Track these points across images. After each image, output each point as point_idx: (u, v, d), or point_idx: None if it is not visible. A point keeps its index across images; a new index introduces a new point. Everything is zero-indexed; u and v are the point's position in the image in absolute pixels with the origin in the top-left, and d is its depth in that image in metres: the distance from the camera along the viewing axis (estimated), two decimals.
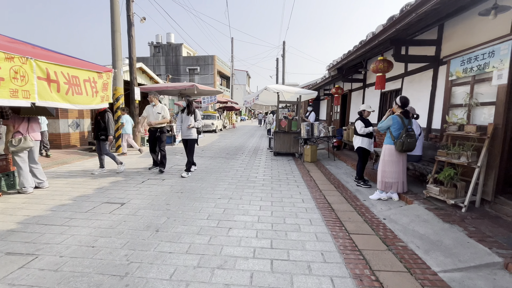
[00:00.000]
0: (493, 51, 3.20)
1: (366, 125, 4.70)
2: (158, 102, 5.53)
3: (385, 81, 5.05)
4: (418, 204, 3.47)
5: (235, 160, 7.29)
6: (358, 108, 8.26)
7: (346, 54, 6.20)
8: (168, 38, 31.23)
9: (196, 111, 5.32)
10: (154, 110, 5.48)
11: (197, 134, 5.45)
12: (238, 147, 9.98)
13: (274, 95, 9.21)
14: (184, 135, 5.35)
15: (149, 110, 5.49)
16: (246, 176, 5.39)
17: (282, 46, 18.53)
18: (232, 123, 23.52)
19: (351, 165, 6.39)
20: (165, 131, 5.67)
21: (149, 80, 12.61)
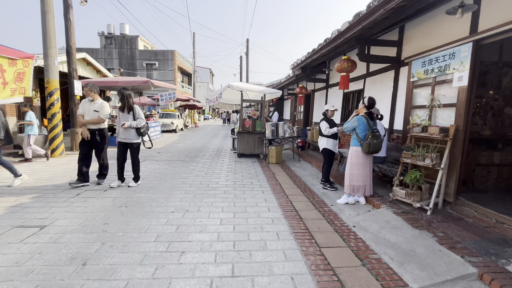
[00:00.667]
0: (454, 53, 3.21)
1: (330, 126, 4.54)
2: (97, 97, 4.39)
3: (349, 81, 4.97)
4: (386, 208, 3.36)
5: (196, 163, 6.67)
6: (322, 108, 8.31)
7: (310, 52, 6.05)
8: (122, 29, 28.55)
9: (135, 108, 4.31)
10: (91, 107, 4.27)
11: (140, 136, 4.44)
12: (200, 149, 9.31)
13: (238, 94, 8.76)
14: (121, 138, 4.34)
15: (85, 107, 4.30)
16: (207, 182, 4.85)
17: (246, 44, 18.15)
18: (194, 122, 22.43)
19: (316, 166, 6.27)
20: (106, 135, 4.44)
21: (96, 74, 11.13)
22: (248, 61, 18.23)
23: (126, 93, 4.29)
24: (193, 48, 26.57)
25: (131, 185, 4.38)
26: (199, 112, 38.36)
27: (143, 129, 4.38)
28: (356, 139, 3.64)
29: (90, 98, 4.30)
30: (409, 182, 3.27)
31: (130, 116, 4.30)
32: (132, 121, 4.25)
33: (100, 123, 4.31)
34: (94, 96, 4.36)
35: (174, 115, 16.24)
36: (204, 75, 45.36)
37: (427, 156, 3.19)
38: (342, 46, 4.93)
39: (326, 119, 4.63)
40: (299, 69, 7.57)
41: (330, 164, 4.67)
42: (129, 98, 4.32)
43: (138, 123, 4.29)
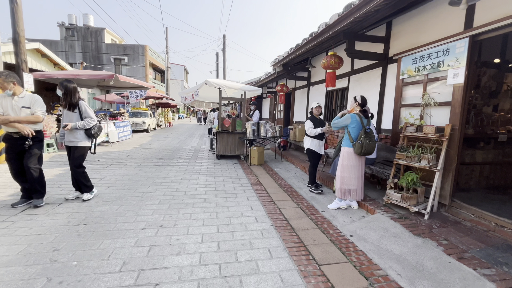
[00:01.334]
0: (448, 49, 3.07)
1: (315, 126, 4.26)
2: (20, 90, 3.24)
3: (336, 78, 4.74)
4: (381, 213, 3.14)
5: (171, 166, 6.06)
6: (304, 107, 8.13)
7: (294, 48, 5.75)
8: (86, 20, 26.26)
9: (80, 104, 3.48)
10: (15, 103, 3.15)
11: (90, 139, 3.64)
12: (175, 150, 8.63)
13: (215, 91, 8.26)
14: (66, 141, 3.52)
15: (4, 103, 3.14)
16: (184, 189, 4.33)
17: (223, 40, 17.51)
18: (168, 122, 21.30)
19: (301, 167, 6.01)
20: (42, 138, 3.42)
21: (53, 67, 9.88)
22: (225, 58, 17.60)
23: (70, 86, 3.42)
24: (166, 43, 25.23)
25: (86, 198, 3.62)
26: (173, 111, 36.84)
27: (95, 130, 3.61)
28: (348, 139, 3.39)
29: (9, 91, 3.14)
30: (407, 185, 3.08)
31: (76, 114, 3.47)
32: (79, 121, 3.45)
33: (36, 123, 3.28)
34: (16, 88, 3.18)
35: (145, 114, 15.17)
36: (178, 72, 43.63)
37: (423, 157, 3.02)
38: (328, 41, 4.69)
39: (312, 118, 4.35)
40: (280, 66, 7.26)
41: (314, 166, 4.41)
42: (74, 93, 3.45)
43: (86, 123, 3.48)
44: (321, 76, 6.91)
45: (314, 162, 4.41)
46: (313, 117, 4.37)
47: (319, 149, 4.34)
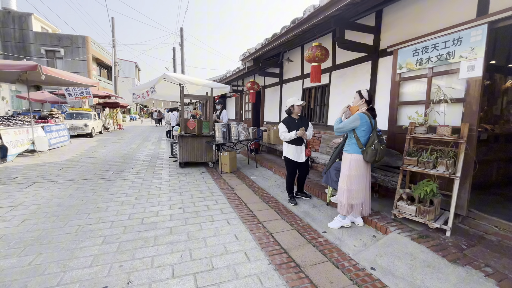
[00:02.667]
0: (460, 37, 2.68)
1: (291, 128, 3.59)
2: None
3: (321, 72, 4.17)
4: (397, 232, 2.61)
5: (121, 181, 4.80)
6: (276, 106, 7.49)
7: (270, 39, 5.04)
8: (5, 2, 21.76)
9: None
10: None
11: None
12: (127, 158, 7.19)
13: (175, 88, 7.13)
14: None
15: None
16: (140, 215, 3.25)
17: (180, 33, 15.94)
18: (117, 124, 18.78)
19: (280, 174, 5.34)
20: None
21: None
22: (183, 53, 16.07)
23: None
24: (113, 36, 22.33)
25: None
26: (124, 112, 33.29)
27: None
28: (355, 144, 2.79)
29: None
30: (425, 197, 2.59)
31: None
32: None
33: None
34: None
35: (88, 115, 12.89)
36: (128, 69, 39.57)
37: (440, 163, 2.57)
38: (311, 30, 4.09)
39: (287, 120, 3.69)
40: (251, 60, 6.50)
41: (290, 175, 3.78)
42: None
43: None
44: (296, 73, 6.36)
45: (289, 171, 3.78)
46: (289, 118, 3.69)
47: (296, 157, 3.68)
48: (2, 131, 6.07)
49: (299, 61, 6.17)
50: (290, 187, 3.81)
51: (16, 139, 6.55)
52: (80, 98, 10.01)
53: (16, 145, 6.47)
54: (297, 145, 3.65)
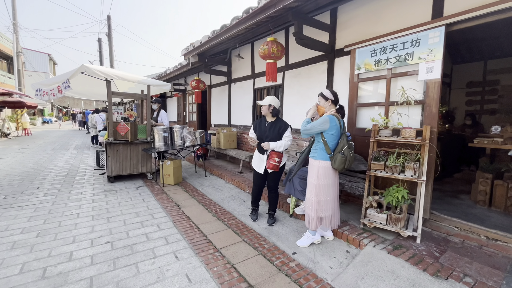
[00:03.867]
0: (418, 39, 2.66)
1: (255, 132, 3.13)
2: None
3: (277, 71, 3.82)
4: (373, 245, 2.39)
5: (16, 209, 3.47)
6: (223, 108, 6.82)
7: (218, 31, 4.46)
8: None
9: None
10: None
11: None
12: (30, 173, 5.50)
13: (99, 85, 5.89)
14: None
15: None
16: (41, 264, 2.24)
17: (107, 22, 13.65)
18: (23, 128, 15.03)
19: (233, 182, 4.80)
20: None
21: None
22: (111, 46, 13.78)
23: None
24: (13, 19, 17.90)
25: None
26: (34, 113, 27.37)
27: None
28: (323, 150, 2.47)
29: None
30: (396, 204, 2.44)
31: None
32: None
33: None
34: None
35: None
36: (39, 62, 32.70)
37: (408, 167, 2.46)
38: (265, 24, 3.70)
39: (256, 122, 3.21)
40: (196, 55, 5.77)
41: (253, 185, 3.25)
42: None
43: None
44: (246, 72, 5.93)
45: (253, 180, 3.26)
46: (261, 120, 3.13)
47: (257, 167, 3.14)
48: None
49: (249, 59, 5.76)
50: (253, 198, 3.29)
51: None
52: None
53: None
54: (260, 153, 3.12)
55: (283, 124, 2.99)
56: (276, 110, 2.98)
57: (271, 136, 2.94)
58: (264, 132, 3.01)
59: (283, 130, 2.95)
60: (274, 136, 2.93)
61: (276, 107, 2.99)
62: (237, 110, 6.41)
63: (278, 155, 2.91)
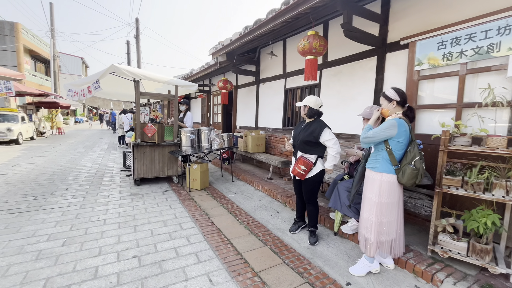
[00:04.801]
0: (509, 25, 2.13)
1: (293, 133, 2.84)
2: None
3: (317, 68, 3.42)
4: (453, 283, 1.91)
5: (45, 212, 3.38)
6: (250, 109, 6.48)
7: (251, 26, 4.15)
8: None
9: None
10: None
11: None
12: (61, 172, 5.55)
13: (127, 86, 5.84)
14: None
15: None
16: (65, 281, 2.02)
17: (135, 25, 14.02)
18: (57, 128, 15.84)
19: (264, 189, 4.45)
20: None
21: None
22: (139, 48, 14.13)
23: None
24: (51, 24, 19.08)
25: None
26: (67, 113, 29.09)
27: None
28: (387, 160, 2.04)
29: None
30: (484, 232, 1.94)
31: None
32: None
33: None
34: None
35: (12, 117, 10.35)
36: (73, 65, 34.82)
37: (498, 185, 1.96)
38: (305, 16, 3.34)
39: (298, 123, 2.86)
40: (224, 55, 5.53)
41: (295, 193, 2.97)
42: None
43: None
44: (276, 71, 5.57)
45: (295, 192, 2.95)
46: (301, 121, 2.83)
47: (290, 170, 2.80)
48: None
49: (280, 58, 5.40)
50: (296, 208, 2.99)
51: None
52: None
53: None
54: (294, 157, 2.79)
55: (318, 125, 2.56)
56: (313, 111, 2.60)
57: (302, 138, 2.60)
58: (298, 134, 2.69)
59: (318, 133, 2.52)
60: (305, 138, 2.57)
61: (313, 108, 2.60)
62: (265, 111, 6.07)
63: (306, 163, 2.53)
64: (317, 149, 2.56)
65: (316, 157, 2.57)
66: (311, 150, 2.57)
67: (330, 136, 2.50)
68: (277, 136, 5.51)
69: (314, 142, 2.54)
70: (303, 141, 2.56)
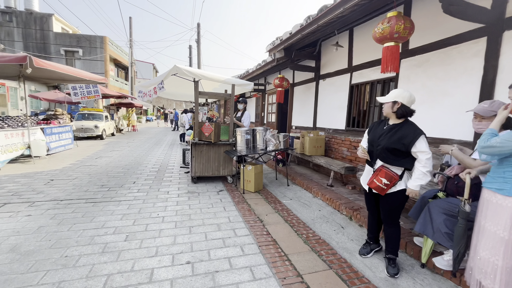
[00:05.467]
0: None
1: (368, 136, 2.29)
2: None
3: (399, 58, 2.80)
4: None
5: (114, 204, 3.65)
6: (306, 108, 6.00)
7: (314, 15, 3.73)
8: (28, 3, 22.03)
9: None
10: None
11: None
12: (131, 167, 6.12)
13: (187, 86, 6.05)
14: None
15: None
16: (124, 281, 2.02)
17: (197, 29, 15.01)
18: (132, 125, 18.15)
19: (323, 198, 3.97)
20: None
21: None
22: (199, 50, 15.09)
23: None
24: (130, 36, 21.98)
25: None
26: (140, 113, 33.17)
27: None
28: None
29: None
30: None
31: None
32: None
33: None
34: None
35: (99, 116, 12.16)
36: (146, 70, 39.74)
37: None
38: None
39: (372, 124, 2.33)
40: (282, 50, 5.22)
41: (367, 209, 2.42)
42: None
43: None
44: (340, 65, 4.99)
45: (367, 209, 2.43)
46: (379, 122, 2.25)
47: (364, 182, 2.31)
48: None
49: (345, 50, 4.80)
50: (368, 227, 2.48)
51: (8, 143, 5.65)
52: (87, 97, 9.19)
53: (6, 151, 5.57)
54: (368, 165, 2.28)
55: (411, 130, 1.97)
56: (406, 109, 2.02)
57: (385, 144, 2.01)
58: (377, 137, 2.11)
59: (411, 140, 1.92)
60: (391, 146, 1.99)
61: (406, 105, 2.03)
62: (325, 110, 5.53)
63: (389, 176, 1.98)
64: (405, 160, 1.99)
65: (403, 170, 2.02)
66: (397, 160, 2.01)
67: (426, 148, 1.91)
68: (339, 138, 4.93)
69: (402, 151, 1.97)
70: (387, 148, 2.01)
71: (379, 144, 2.07)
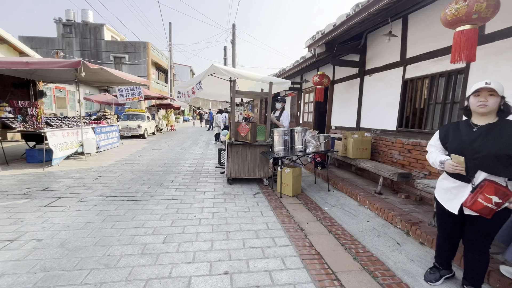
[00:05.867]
0: None
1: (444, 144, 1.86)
2: None
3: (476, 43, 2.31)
4: None
5: (154, 201, 3.70)
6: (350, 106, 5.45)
7: (364, 2, 3.34)
8: (85, 16, 24.56)
9: None
10: None
11: None
12: (170, 165, 6.29)
13: (223, 86, 5.99)
14: None
15: None
16: (164, 283, 1.93)
17: (232, 30, 15.16)
18: (170, 125, 19.09)
19: (372, 207, 3.54)
20: None
21: (19, 55, 7.74)
22: (234, 51, 15.25)
23: None
24: (170, 40, 23.18)
25: None
26: (178, 113, 34.89)
27: None
28: None
29: None
30: None
31: None
32: None
33: None
34: None
35: (142, 116, 12.95)
36: (183, 73, 41.70)
37: None
38: None
39: (447, 127, 1.90)
40: (323, 45, 4.86)
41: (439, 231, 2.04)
42: None
43: None
44: (390, 58, 4.46)
45: (438, 223, 1.99)
46: (458, 124, 1.82)
47: (446, 199, 1.85)
48: (49, 133, 5.72)
49: (397, 41, 4.27)
50: (438, 250, 2.07)
51: (64, 141, 6.21)
52: (131, 99, 9.81)
53: (63, 148, 6.12)
54: (457, 179, 1.77)
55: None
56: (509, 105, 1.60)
57: (491, 150, 1.58)
58: (470, 143, 1.67)
59: None
60: (500, 151, 1.55)
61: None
62: (371, 109, 5.02)
63: (501, 192, 1.53)
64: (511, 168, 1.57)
65: (506, 181, 1.59)
66: (505, 170, 1.57)
67: None
68: (389, 140, 4.41)
69: None
70: (496, 155, 1.57)
71: (477, 151, 1.63)
